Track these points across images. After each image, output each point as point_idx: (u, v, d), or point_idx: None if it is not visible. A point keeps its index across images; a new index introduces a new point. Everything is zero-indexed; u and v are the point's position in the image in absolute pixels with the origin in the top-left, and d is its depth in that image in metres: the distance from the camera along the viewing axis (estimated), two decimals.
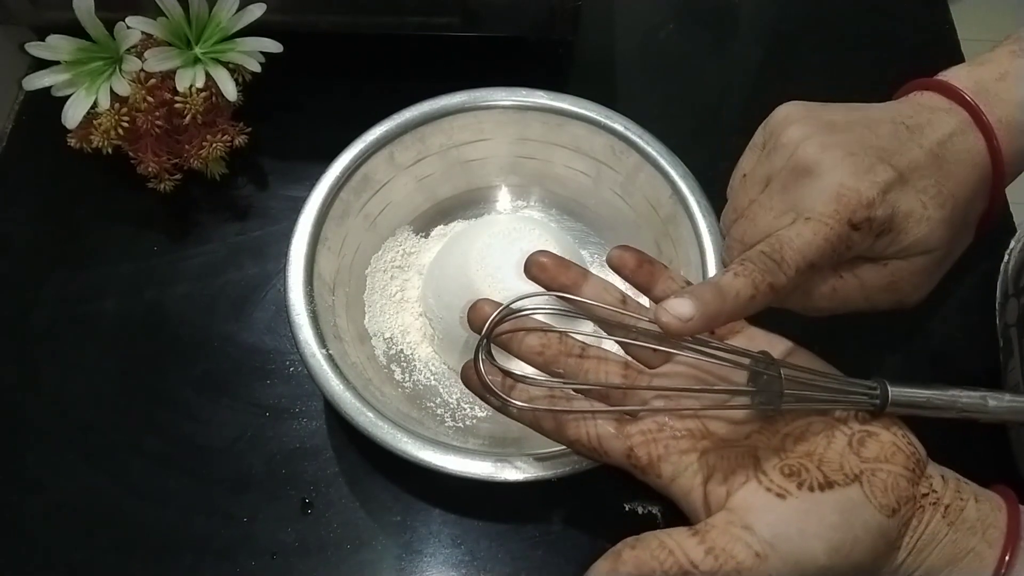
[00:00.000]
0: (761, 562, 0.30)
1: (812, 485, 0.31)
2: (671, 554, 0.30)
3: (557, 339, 0.37)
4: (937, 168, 0.35)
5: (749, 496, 0.31)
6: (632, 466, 0.34)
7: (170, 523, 0.43)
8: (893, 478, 0.31)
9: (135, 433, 0.45)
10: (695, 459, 0.33)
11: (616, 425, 0.34)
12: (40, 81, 0.48)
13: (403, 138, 0.46)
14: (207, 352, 0.48)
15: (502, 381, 0.36)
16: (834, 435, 0.33)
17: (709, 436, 0.34)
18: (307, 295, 0.41)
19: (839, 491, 0.31)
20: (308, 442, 0.45)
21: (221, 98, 0.49)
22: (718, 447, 0.33)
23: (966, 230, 0.37)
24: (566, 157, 0.49)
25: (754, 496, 0.31)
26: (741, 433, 0.34)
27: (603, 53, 0.60)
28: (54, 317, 0.49)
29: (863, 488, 0.31)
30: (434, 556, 0.42)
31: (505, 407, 0.35)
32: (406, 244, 0.49)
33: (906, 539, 0.31)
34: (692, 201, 0.44)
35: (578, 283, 0.37)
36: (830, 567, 0.30)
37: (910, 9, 0.63)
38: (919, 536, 0.31)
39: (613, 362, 0.37)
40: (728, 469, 0.32)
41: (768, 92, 0.59)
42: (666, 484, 0.33)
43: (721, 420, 0.34)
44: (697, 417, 0.34)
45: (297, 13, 0.53)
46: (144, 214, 0.52)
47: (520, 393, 0.35)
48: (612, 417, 0.34)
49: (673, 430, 0.34)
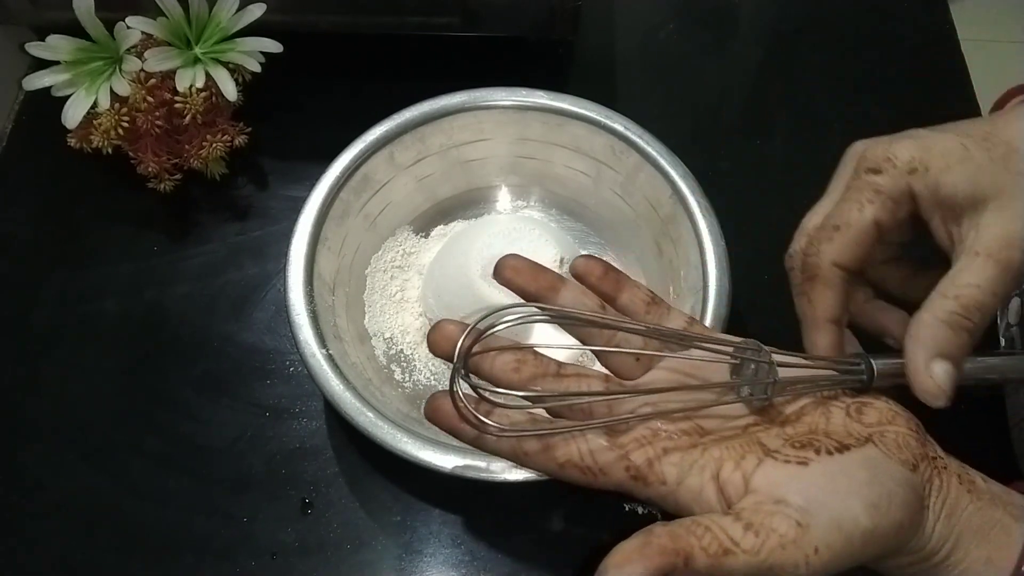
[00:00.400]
0: (804, 532, 0.28)
1: (829, 450, 0.30)
2: (708, 530, 0.28)
3: (532, 356, 0.34)
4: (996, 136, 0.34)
5: (770, 472, 0.30)
6: (632, 478, 0.31)
7: (170, 523, 0.43)
8: (902, 437, 0.31)
9: (135, 433, 0.45)
10: (699, 454, 0.31)
11: (608, 437, 0.32)
12: (40, 81, 0.48)
13: (403, 138, 0.46)
14: (207, 352, 0.48)
15: (476, 407, 0.31)
16: (830, 411, 0.32)
17: (706, 434, 0.33)
18: (307, 295, 0.41)
19: (857, 451, 0.30)
20: (308, 442, 0.45)
21: (221, 98, 0.49)
22: (718, 442, 0.32)
23: None
24: (566, 157, 0.49)
25: (775, 471, 0.30)
26: (738, 426, 0.33)
27: (603, 53, 0.60)
28: (54, 317, 0.49)
29: (878, 447, 0.30)
30: (434, 556, 0.42)
31: (481, 437, 0.32)
32: (406, 244, 0.49)
33: (932, 500, 0.30)
34: (692, 201, 0.44)
35: (555, 288, 0.36)
36: (872, 528, 0.28)
37: (910, 9, 0.63)
38: (944, 500, 0.30)
39: (594, 378, 0.35)
40: (737, 456, 0.31)
41: (768, 92, 0.60)
42: (672, 489, 0.31)
43: (715, 417, 0.33)
44: (690, 418, 0.33)
45: (297, 13, 0.53)
46: (144, 214, 0.52)
47: (500, 418, 0.32)
48: (602, 430, 0.32)
49: (668, 433, 0.32)
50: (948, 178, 0.33)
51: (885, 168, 0.33)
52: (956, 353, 0.32)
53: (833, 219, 0.35)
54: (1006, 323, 0.46)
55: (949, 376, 0.32)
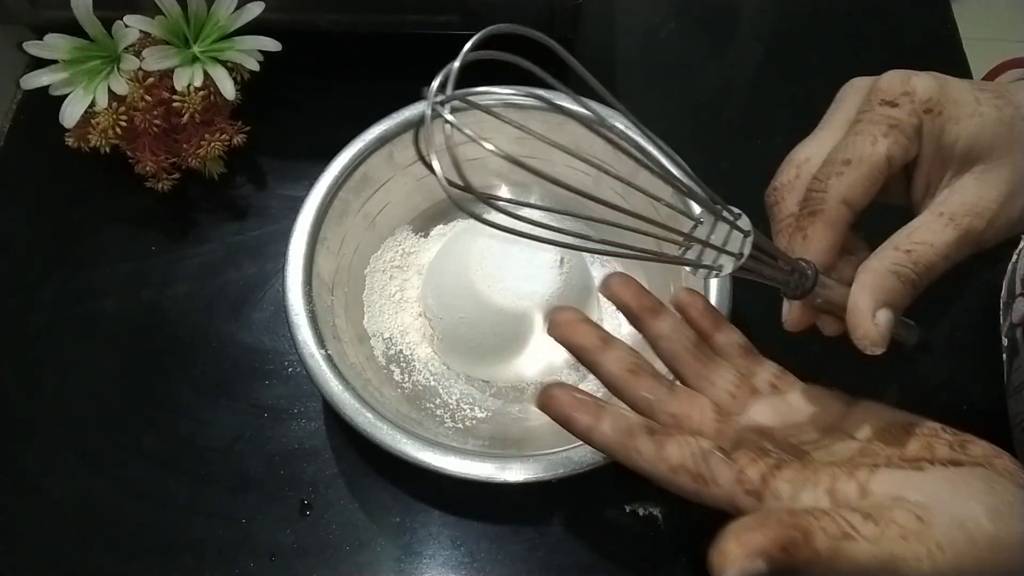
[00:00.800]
0: (926, 527, 0.27)
1: (944, 462, 0.29)
2: (826, 515, 0.27)
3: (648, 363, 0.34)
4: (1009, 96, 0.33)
5: (886, 478, 0.29)
6: (745, 492, 0.29)
7: (169, 524, 0.43)
8: (1011, 467, 0.30)
9: (133, 433, 0.45)
10: (812, 472, 0.30)
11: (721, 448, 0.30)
12: (38, 80, 0.48)
13: (402, 137, 0.46)
14: (206, 352, 0.48)
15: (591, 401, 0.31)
16: (932, 445, 0.31)
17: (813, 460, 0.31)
18: (306, 295, 0.41)
19: (969, 468, 0.29)
20: (307, 443, 0.45)
21: (219, 97, 0.49)
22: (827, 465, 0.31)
23: None
24: (566, 156, 0.49)
25: (891, 476, 0.29)
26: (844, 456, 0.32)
27: (604, 52, 0.60)
28: (52, 317, 0.49)
29: (989, 470, 0.29)
30: (433, 558, 0.42)
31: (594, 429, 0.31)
32: (405, 244, 0.49)
33: None
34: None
35: (655, 311, 0.35)
36: (995, 534, 0.27)
37: (911, 9, 0.62)
38: None
39: (706, 401, 0.34)
40: (850, 468, 0.30)
41: (768, 91, 0.60)
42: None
43: (822, 449, 0.32)
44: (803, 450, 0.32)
45: (296, 11, 0.53)
46: (142, 214, 0.52)
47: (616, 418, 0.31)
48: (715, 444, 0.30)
49: (778, 454, 0.31)
50: (953, 127, 0.32)
51: (902, 102, 0.32)
52: (899, 303, 0.32)
53: (843, 152, 0.33)
54: (1009, 323, 0.46)
55: (889, 325, 0.31)
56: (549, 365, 0.45)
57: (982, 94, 0.33)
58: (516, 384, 0.46)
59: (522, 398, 0.46)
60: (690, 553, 0.42)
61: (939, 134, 0.32)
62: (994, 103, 0.32)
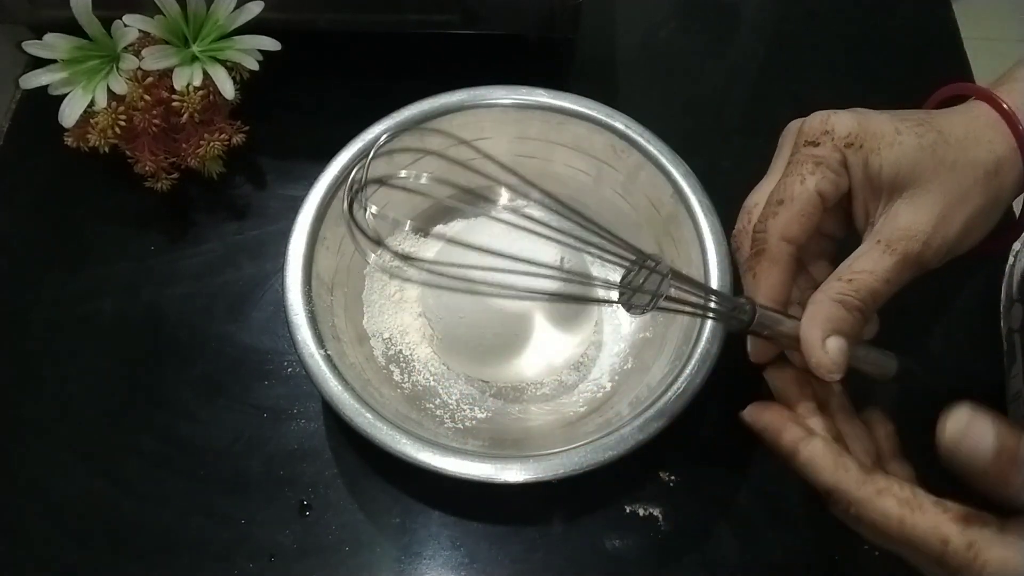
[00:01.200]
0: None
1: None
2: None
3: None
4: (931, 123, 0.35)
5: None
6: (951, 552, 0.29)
7: (167, 524, 0.43)
8: None
9: (132, 433, 0.45)
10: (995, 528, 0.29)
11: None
12: (37, 80, 0.48)
13: (402, 137, 0.46)
14: (205, 352, 0.48)
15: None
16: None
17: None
18: (305, 295, 0.41)
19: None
20: (306, 443, 0.45)
21: (219, 96, 0.49)
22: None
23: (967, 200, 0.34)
24: (566, 156, 0.49)
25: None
26: None
27: (604, 51, 0.60)
28: (51, 317, 0.49)
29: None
30: (433, 558, 0.42)
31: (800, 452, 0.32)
32: (405, 243, 0.49)
33: None
34: (694, 200, 0.44)
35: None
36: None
37: (912, 9, 0.62)
38: None
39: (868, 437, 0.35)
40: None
41: (769, 91, 0.60)
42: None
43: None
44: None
45: (295, 11, 0.52)
46: (141, 213, 0.52)
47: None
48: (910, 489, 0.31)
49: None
50: (875, 159, 0.34)
51: (823, 140, 0.34)
52: (848, 330, 0.33)
53: (776, 194, 0.36)
54: (1008, 328, 0.46)
55: (842, 352, 0.33)
56: (549, 365, 0.45)
57: (903, 123, 0.34)
58: (516, 384, 0.46)
59: (522, 398, 0.45)
60: (690, 553, 0.42)
61: (864, 165, 0.34)
62: (915, 131, 0.34)
